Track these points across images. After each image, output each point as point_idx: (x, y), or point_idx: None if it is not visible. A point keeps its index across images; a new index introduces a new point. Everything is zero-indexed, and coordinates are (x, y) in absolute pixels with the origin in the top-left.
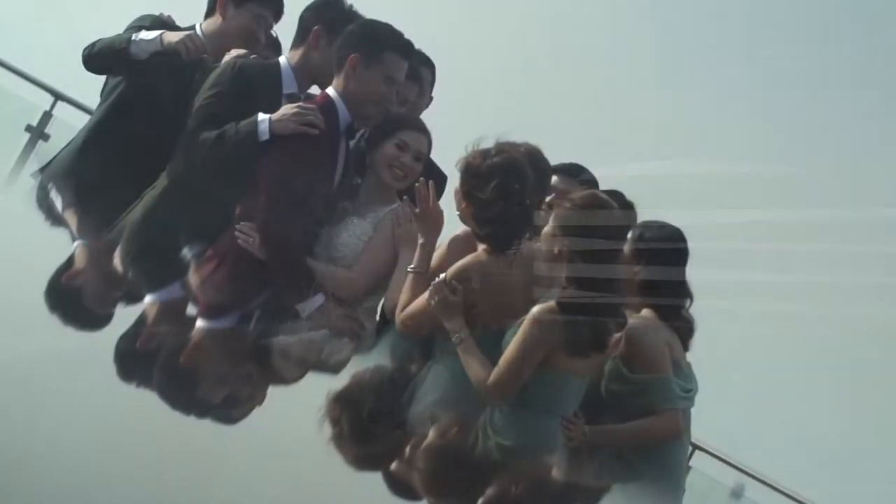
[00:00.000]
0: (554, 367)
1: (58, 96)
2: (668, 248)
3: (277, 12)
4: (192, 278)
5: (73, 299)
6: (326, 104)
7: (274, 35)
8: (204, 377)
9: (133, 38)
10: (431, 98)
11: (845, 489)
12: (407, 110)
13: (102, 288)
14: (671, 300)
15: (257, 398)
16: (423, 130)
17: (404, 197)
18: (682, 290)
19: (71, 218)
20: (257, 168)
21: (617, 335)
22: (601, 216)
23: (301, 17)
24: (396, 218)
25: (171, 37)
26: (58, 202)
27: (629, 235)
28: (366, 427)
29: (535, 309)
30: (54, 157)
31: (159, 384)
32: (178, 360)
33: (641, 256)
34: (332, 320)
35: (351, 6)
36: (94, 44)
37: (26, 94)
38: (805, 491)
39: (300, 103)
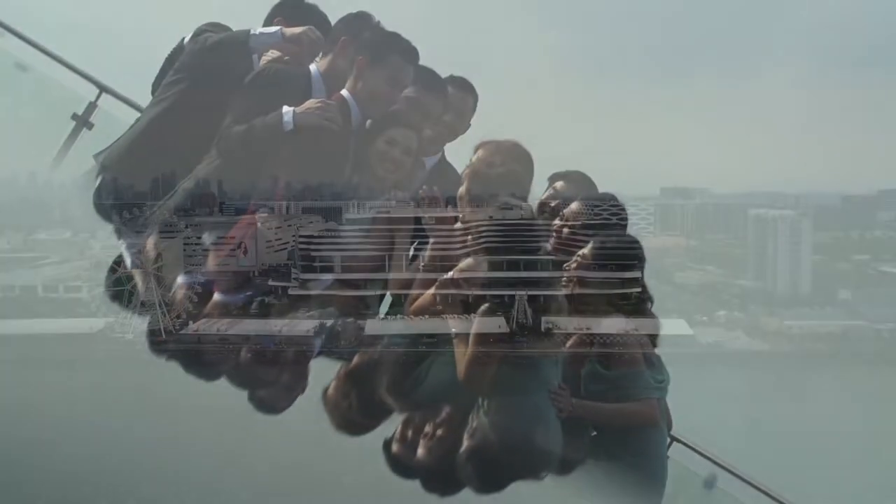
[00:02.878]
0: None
1: (103, 88)
2: (625, 253)
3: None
4: (210, 259)
5: (131, 286)
6: (340, 104)
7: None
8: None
9: (252, 31)
10: (469, 125)
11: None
12: (447, 132)
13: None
14: (633, 303)
15: (299, 387)
16: (410, 127)
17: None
18: (642, 294)
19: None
20: (279, 156)
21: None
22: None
23: (331, 29)
24: (388, 205)
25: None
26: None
27: (589, 245)
28: (373, 405)
29: (480, 309)
30: (111, 144)
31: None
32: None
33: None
34: (339, 300)
35: (378, 22)
36: (203, 39)
37: (74, 85)
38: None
39: (323, 99)
